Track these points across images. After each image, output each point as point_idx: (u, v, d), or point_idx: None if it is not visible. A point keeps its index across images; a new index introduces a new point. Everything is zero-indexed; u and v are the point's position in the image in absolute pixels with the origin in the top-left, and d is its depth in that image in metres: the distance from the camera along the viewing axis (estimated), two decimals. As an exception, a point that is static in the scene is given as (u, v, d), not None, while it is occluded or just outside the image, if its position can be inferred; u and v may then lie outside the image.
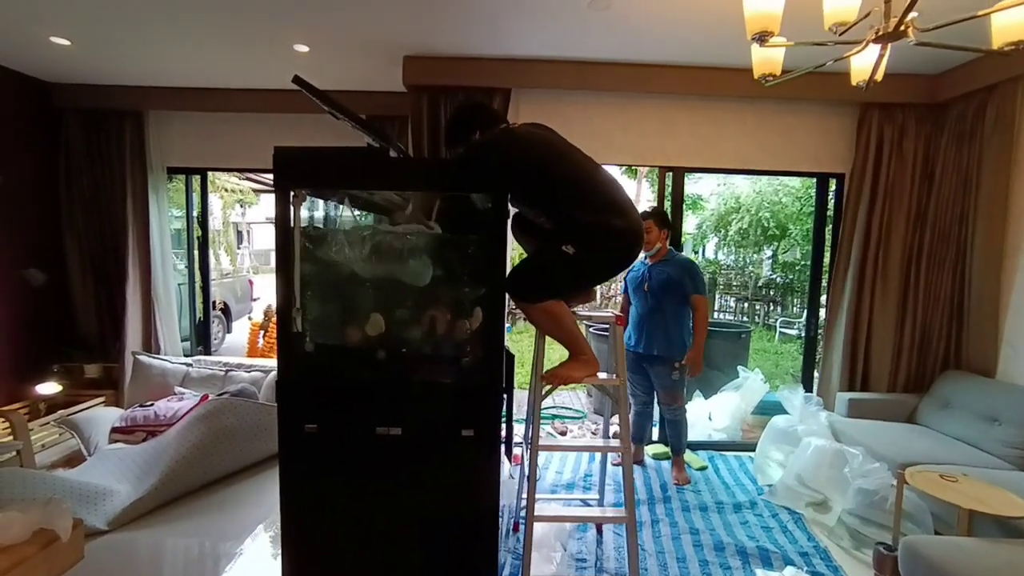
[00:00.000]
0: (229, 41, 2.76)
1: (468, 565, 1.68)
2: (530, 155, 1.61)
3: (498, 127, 1.72)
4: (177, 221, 4.97)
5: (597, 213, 1.59)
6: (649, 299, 2.82)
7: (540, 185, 1.61)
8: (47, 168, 3.49)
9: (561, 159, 1.64)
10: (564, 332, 1.70)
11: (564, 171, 1.62)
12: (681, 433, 2.99)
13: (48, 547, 1.38)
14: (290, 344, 1.58)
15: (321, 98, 1.52)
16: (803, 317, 8.24)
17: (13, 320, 3.32)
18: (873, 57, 1.64)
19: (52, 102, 3.47)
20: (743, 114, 3.14)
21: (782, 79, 1.85)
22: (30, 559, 1.33)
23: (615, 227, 1.60)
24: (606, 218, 1.59)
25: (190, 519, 2.39)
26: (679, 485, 2.88)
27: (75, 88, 3.46)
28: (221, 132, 3.64)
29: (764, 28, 1.52)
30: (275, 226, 1.55)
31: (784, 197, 9.01)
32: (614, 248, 1.64)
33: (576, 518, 2.26)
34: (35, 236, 3.42)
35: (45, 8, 2.43)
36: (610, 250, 1.64)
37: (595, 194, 1.63)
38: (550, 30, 2.58)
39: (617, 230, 1.61)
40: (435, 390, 1.64)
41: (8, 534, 1.31)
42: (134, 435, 3.03)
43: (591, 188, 1.64)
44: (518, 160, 1.60)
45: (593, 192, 1.63)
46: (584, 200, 1.60)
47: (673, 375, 2.82)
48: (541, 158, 1.61)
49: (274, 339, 4.59)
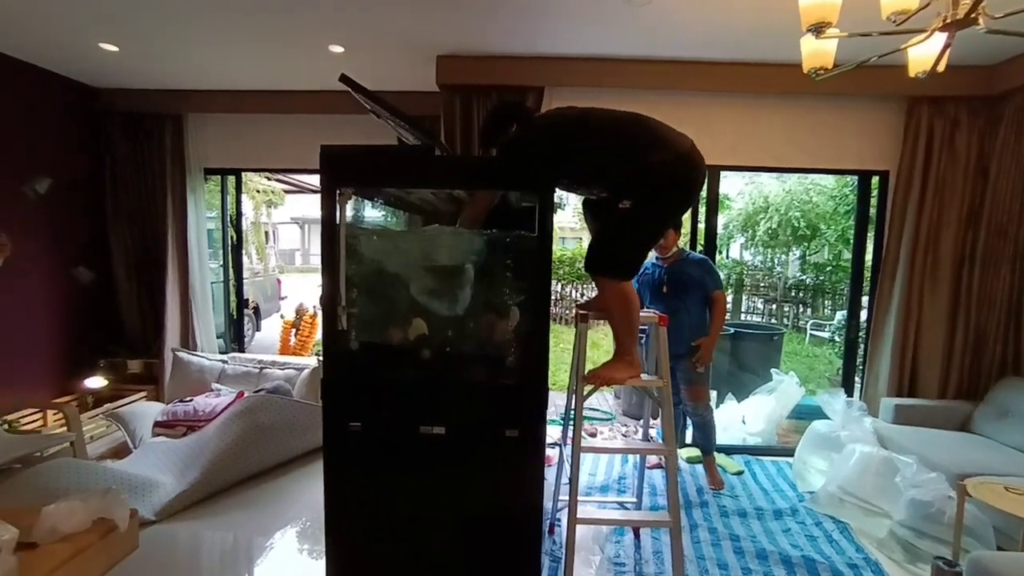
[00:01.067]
0: (266, 44, 2.81)
1: (511, 567, 1.66)
2: (563, 124, 1.63)
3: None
4: (210, 221, 5.10)
5: (636, 156, 1.55)
6: (670, 300, 2.78)
7: (580, 151, 1.60)
8: (94, 170, 3.62)
9: (587, 116, 1.63)
10: (629, 322, 1.68)
11: (596, 125, 1.61)
12: (709, 434, 2.91)
13: (107, 536, 1.42)
14: (335, 342, 1.59)
15: (368, 96, 1.52)
16: (835, 319, 8.03)
17: (63, 317, 3.45)
18: (936, 47, 1.56)
19: (98, 106, 3.59)
20: (782, 111, 3.05)
21: (833, 73, 1.79)
22: (91, 547, 1.37)
23: (655, 163, 1.55)
24: (645, 157, 1.55)
25: (226, 513, 2.45)
26: (715, 490, 2.81)
27: (120, 92, 3.57)
28: (255, 133, 3.71)
29: (821, 19, 1.46)
30: (321, 225, 1.55)
31: (816, 196, 8.75)
32: (666, 184, 1.58)
33: (618, 521, 2.23)
34: (83, 236, 3.55)
35: (96, 15, 2.51)
36: (663, 187, 1.58)
37: (629, 136, 1.59)
38: (586, 28, 2.55)
39: (659, 164, 1.55)
40: (479, 390, 1.63)
41: (71, 522, 1.35)
42: (175, 429, 3.11)
43: (623, 132, 1.61)
44: (556, 130, 1.61)
45: (626, 135, 1.60)
46: (620, 146, 1.58)
47: (698, 368, 2.77)
48: (570, 121, 1.62)
49: (305, 337, 4.70)
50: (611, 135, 1.60)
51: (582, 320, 1.87)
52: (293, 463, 2.89)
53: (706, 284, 2.76)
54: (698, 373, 2.78)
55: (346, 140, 1.56)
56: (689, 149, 1.60)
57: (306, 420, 2.93)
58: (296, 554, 2.23)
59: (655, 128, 1.62)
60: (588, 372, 1.80)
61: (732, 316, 9.47)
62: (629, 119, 1.63)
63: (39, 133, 3.25)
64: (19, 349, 3.17)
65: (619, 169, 1.57)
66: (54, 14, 2.51)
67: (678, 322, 2.72)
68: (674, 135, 1.61)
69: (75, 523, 1.37)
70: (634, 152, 1.56)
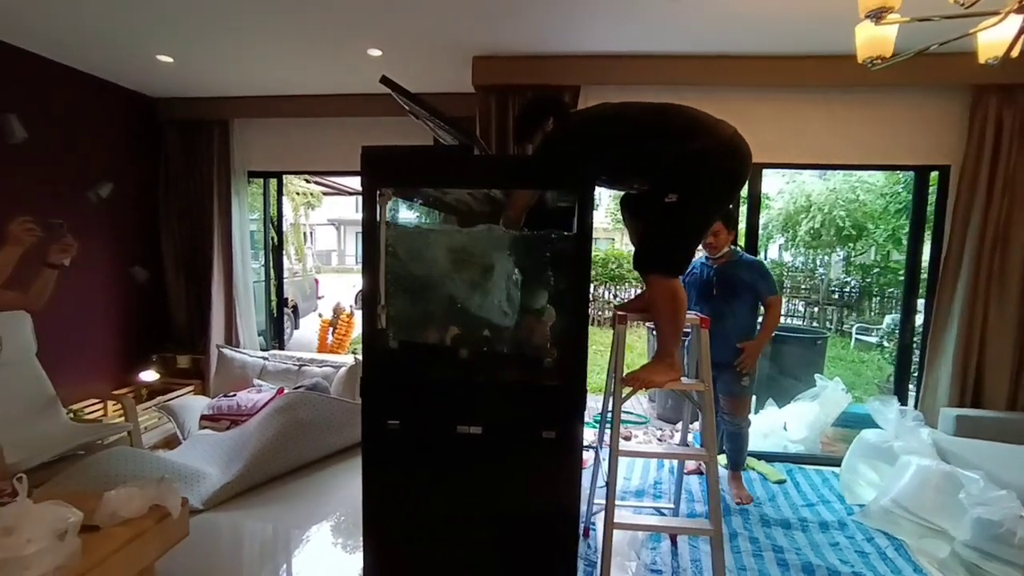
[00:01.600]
0: (308, 50, 2.89)
1: (546, 570, 1.64)
2: (602, 116, 1.62)
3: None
4: (252, 223, 5.30)
5: (676, 144, 1.52)
6: (717, 303, 2.64)
7: (620, 141, 1.58)
8: (149, 176, 3.81)
9: (625, 107, 1.62)
10: (675, 322, 1.64)
11: (634, 115, 1.60)
12: (742, 448, 2.76)
13: (162, 522, 1.48)
14: (375, 341, 1.61)
15: (408, 97, 1.54)
16: (884, 323, 7.63)
17: (121, 313, 3.65)
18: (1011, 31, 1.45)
19: (155, 116, 3.78)
20: (829, 105, 2.91)
21: (891, 62, 1.69)
22: (148, 532, 1.43)
23: (698, 149, 1.50)
24: (687, 144, 1.51)
25: (266, 505, 2.53)
26: (740, 504, 2.67)
27: (173, 101, 3.76)
28: (296, 137, 3.83)
29: (883, 3, 1.38)
30: (362, 225, 1.58)
31: (863, 194, 8.35)
32: (711, 172, 1.53)
33: (658, 527, 2.18)
34: (138, 237, 3.74)
35: (156, 29, 2.66)
36: (707, 175, 1.53)
37: (669, 125, 1.56)
38: (623, 25, 2.50)
39: (702, 151, 1.50)
40: (516, 390, 1.62)
41: (129, 508, 1.42)
42: (219, 423, 3.24)
43: (663, 120, 1.58)
44: (594, 122, 1.60)
45: (666, 123, 1.57)
46: (660, 135, 1.55)
47: (743, 381, 2.63)
48: (609, 113, 1.61)
49: (342, 336, 4.81)
50: (651, 124, 1.57)
51: (620, 321, 1.83)
52: (329, 459, 2.96)
53: (758, 288, 2.61)
54: (742, 386, 2.64)
55: (382, 142, 1.58)
56: (732, 135, 1.55)
57: (343, 417, 2.99)
58: (331, 547, 2.28)
59: (695, 115, 1.58)
60: (627, 374, 1.76)
61: (771, 319, 9.14)
62: (668, 108, 1.60)
63: (103, 141, 3.45)
64: (83, 343, 3.38)
65: (660, 158, 1.54)
66: (119, 30, 2.68)
67: (723, 327, 2.59)
68: (715, 121, 1.57)
69: (133, 509, 1.43)
70: (675, 140, 1.53)
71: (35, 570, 1.14)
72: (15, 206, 2.83)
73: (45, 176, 3.06)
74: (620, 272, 10.47)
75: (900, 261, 8.18)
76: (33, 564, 1.14)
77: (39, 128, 2.95)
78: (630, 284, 10.42)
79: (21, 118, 2.85)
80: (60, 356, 2.92)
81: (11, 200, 2.85)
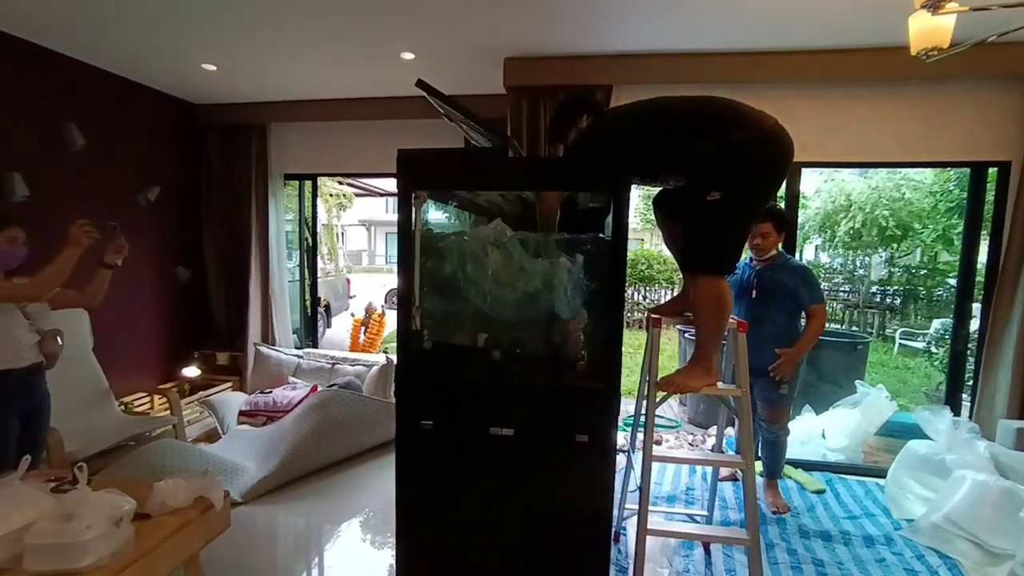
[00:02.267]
0: (343, 55, 2.96)
1: (579, 574, 1.62)
2: (638, 111, 1.60)
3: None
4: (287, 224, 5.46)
5: (716, 137, 1.48)
6: (756, 307, 2.53)
7: (658, 135, 1.56)
8: (192, 180, 3.98)
9: (661, 101, 1.60)
10: (718, 326, 1.61)
11: (672, 108, 1.57)
12: (779, 456, 2.66)
13: (206, 513, 1.54)
14: (409, 342, 1.63)
15: (443, 99, 1.55)
16: (931, 328, 7.25)
17: (166, 311, 3.82)
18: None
19: (198, 121, 3.94)
20: (876, 100, 2.79)
21: (948, 53, 1.60)
22: (193, 522, 1.49)
23: (739, 141, 1.46)
24: (727, 136, 1.47)
25: (300, 500, 2.60)
26: (777, 513, 2.58)
27: (215, 107, 3.91)
28: (330, 140, 3.92)
29: (940, -8, 1.31)
30: (397, 227, 1.59)
31: (909, 192, 7.96)
32: (752, 164, 1.48)
33: (694, 536, 2.13)
34: (182, 238, 3.91)
35: (200, 39, 2.78)
36: (749, 167, 1.49)
37: (708, 116, 1.53)
38: (658, 22, 2.46)
39: (743, 142, 1.46)
40: (549, 393, 1.61)
41: (176, 498, 1.49)
42: (256, 418, 3.34)
43: (701, 112, 1.55)
44: (631, 118, 1.58)
45: (705, 115, 1.54)
46: (699, 127, 1.52)
47: (781, 389, 2.52)
48: (645, 108, 1.60)
49: (374, 335, 4.89)
50: (690, 117, 1.54)
51: (654, 324, 1.80)
52: (361, 457, 3.02)
53: (800, 296, 2.48)
54: (780, 394, 2.52)
55: (413, 144, 1.60)
56: (773, 125, 1.50)
57: (374, 416, 3.05)
58: (360, 543, 2.33)
59: (735, 106, 1.54)
60: (661, 378, 1.73)
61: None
62: (707, 100, 1.56)
63: (151, 147, 3.63)
64: (132, 339, 3.55)
65: (700, 153, 1.50)
66: (168, 41, 2.81)
67: (760, 332, 2.46)
68: (756, 112, 1.52)
69: (180, 499, 1.49)
70: (715, 132, 1.49)
71: (93, 555, 1.20)
72: (75, 208, 3.01)
73: (100, 180, 3.24)
74: (650, 273, 10.29)
75: (950, 263, 7.75)
76: (91, 549, 1.20)
77: (94, 136, 3.13)
78: (660, 285, 10.24)
79: (79, 127, 3.04)
80: (112, 351, 3.07)
81: (71, 203, 3.03)
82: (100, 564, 1.22)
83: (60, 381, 2.58)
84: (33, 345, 1.92)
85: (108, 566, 1.24)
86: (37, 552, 1.19)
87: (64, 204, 2.97)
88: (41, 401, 2.00)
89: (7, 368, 1.83)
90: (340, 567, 2.17)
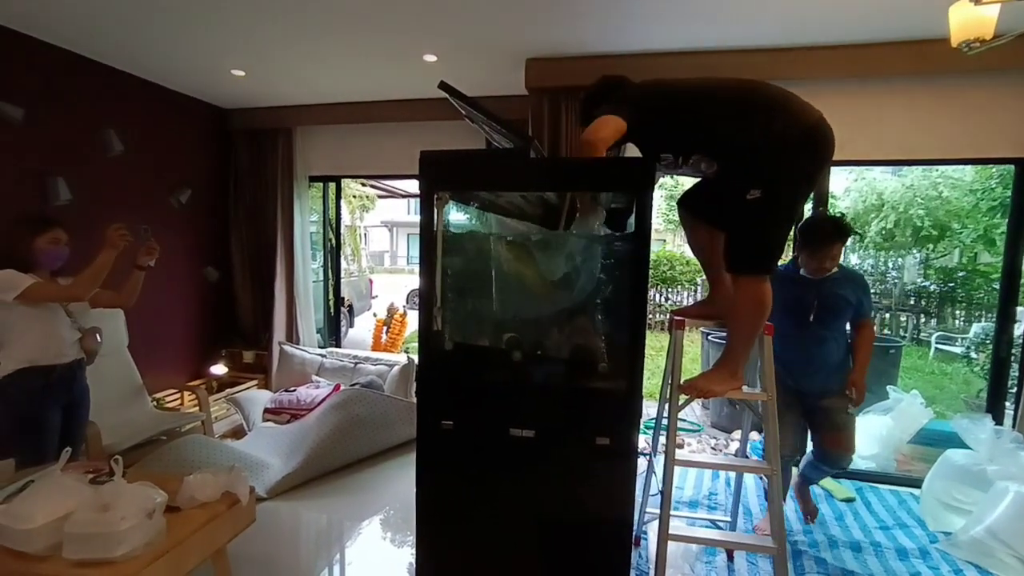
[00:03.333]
0: (366, 59, 3.00)
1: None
2: (680, 85, 1.56)
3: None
4: (311, 225, 5.57)
5: (758, 123, 1.42)
6: (817, 327, 2.19)
7: (700, 109, 1.50)
8: (221, 182, 4.10)
9: (706, 79, 1.56)
10: (753, 330, 1.57)
11: (717, 85, 1.53)
12: (828, 474, 2.45)
13: (233, 507, 1.58)
14: (431, 342, 1.64)
15: (466, 101, 1.56)
16: (971, 332, 6.94)
17: (195, 310, 3.94)
18: None
19: (226, 125, 4.06)
20: (911, 95, 2.69)
21: (991, 45, 1.53)
22: (221, 516, 1.53)
23: (778, 133, 1.41)
24: (769, 126, 1.41)
25: (322, 497, 2.64)
26: (807, 518, 2.48)
27: (243, 112, 4.02)
28: (353, 142, 3.98)
29: (982, -17, 1.26)
30: (420, 228, 1.61)
31: (947, 190, 7.64)
32: (793, 160, 1.43)
33: (716, 542, 2.09)
34: (211, 240, 4.03)
35: (231, 46, 2.86)
36: (791, 163, 1.43)
37: (754, 100, 1.46)
38: (682, 20, 2.43)
39: (782, 136, 1.41)
40: (569, 395, 1.60)
41: (205, 492, 1.53)
42: (281, 416, 3.41)
43: (749, 94, 1.49)
44: (671, 90, 1.55)
45: (751, 98, 1.47)
46: (741, 107, 1.46)
47: (850, 409, 2.22)
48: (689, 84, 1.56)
49: (395, 335, 4.95)
50: (737, 95, 1.48)
51: (678, 327, 1.77)
52: (382, 455, 3.05)
53: (862, 308, 2.20)
54: (848, 414, 2.23)
55: (435, 145, 1.61)
56: (818, 119, 1.45)
57: (396, 415, 3.08)
58: (380, 541, 2.36)
59: (785, 95, 1.47)
60: (684, 382, 1.70)
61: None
62: (757, 83, 1.51)
63: (183, 151, 3.75)
64: (163, 337, 3.67)
65: (740, 136, 1.44)
66: (200, 49, 2.91)
67: (824, 354, 2.20)
68: (803, 103, 1.47)
69: (208, 493, 1.54)
70: (759, 117, 1.43)
71: (128, 545, 1.25)
72: (112, 211, 3.14)
73: (136, 183, 3.37)
74: (672, 275, 10.14)
75: (992, 264, 7.40)
76: (126, 539, 1.24)
77: (131, 141, 3.25)
78: (682, 287, 10.08)
79: (117, 133, 3.17)
80: (144, 348, 3.18)
81: (109, 205, 3.15)
82: (134, 554, 1.26)
83: (98, 377, 2.69)
84: (75, 342, 2.01)
85: (141, 556, 1.28)
86: (76, 541, 1.24)
87: (103, 207, 3.10)
88: (81, 395, 2.09)
89: (52, 364, 1.92)
90: (360, 564, 2.20)
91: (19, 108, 2.67)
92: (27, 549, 1.25)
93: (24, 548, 1.26)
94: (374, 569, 2.16)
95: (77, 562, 1.24)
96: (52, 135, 2.87)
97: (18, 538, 1.25)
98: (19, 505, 1.30)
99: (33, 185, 2.80)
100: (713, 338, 4.33)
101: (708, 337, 4.46)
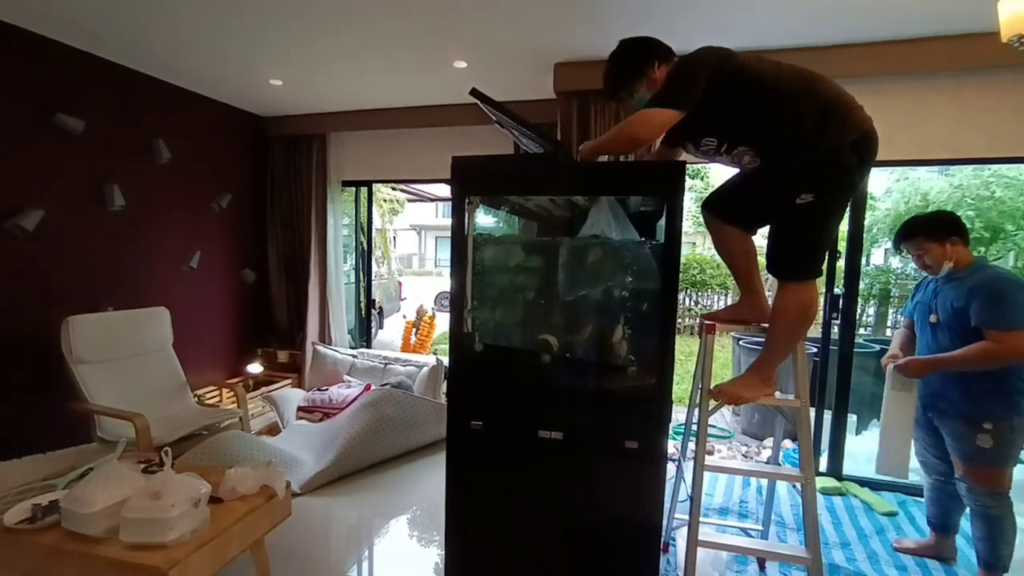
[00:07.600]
0: (398, 65, 3.07)
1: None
2: (746, 57, 1.46)
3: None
4: (343, 228, 5.72)
5: (816, 119, 1.37)
6: (938, 333, 1.99)
7: (761, 85, 1.42)
8: (259, 187, 4.26)
9: (774, 62, 1.46)
10: (794, 336, 1.54)
11: (783, 67, 1.44)
12: (996, 536, 1.92)
13: (270, 501, 1.65)
14: (461, 344, 1.67)
15: (496, 107, 1.58)
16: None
17: (234, 310, 4.11)
18: None
19: (263, 132, 4.23)
20: (960, 91, 2.57)
21: (1044, 38, 1.46)
22: (259, 509, 1.60)
23: (835, 144, 1.36)
24: (822, 130, 1.36)
25: (353, 494, 2.71)
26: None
27: (279, 120, 4.17)
28: (384, 147, 4.08)
29: (1033, -25, 1.20)
30: (451, 232, 1.64)
31: (1000, 190, 7.23)
32: (847, 168, 1.39)
33: (748, 550, 2.04)
34: (248, 243, 4.20)
35: (271, 56, 2.98)
36: (845, 171, 1.39)
37: (817, 94, 1.40)
38: (716, 20, 2.39)
39: (838, 146, 1.37)
40: (599, 398, 1.60)
41: (245, 485, 1.60)
42: (313, 414, 3.51)
43: (812, 84, 1.42)
44: (740, 57, 1.44)
45: (815, 91, 1.41)
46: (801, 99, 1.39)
47: (979, 439, 1.88)
48: (756, 58, 1.46)
49: (424, 336, 5.03)
50: (799, 85, 1.42)
51: (708, 331, 1.75)
52: (411, 455, 3.10)
53: (984, 317, 1.87)
54: (979, 447, 1.89)
55: (464, 150, 1.64)
56: (870, 128, 1.42)
57: (424, 415, 3.12)
58: (407, 539, 2.40)
59: (845, 98, 1.42)
60: (714, 387, 1.68)
61: (877, 332, 8.22)
62: (819, 78, 1.45)
63: (224, 158, 3.92)
64: (205, 336, 3.84)
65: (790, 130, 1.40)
66: (242, 60, 3.04)
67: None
68: (859, 111, 1.42)
69: (248, 486, 1.61)
70: (816, 115, 1.38)
71: (177, 531, 1.32)
72: (160, 217, 3.32)
73: (182, 190, 3.54)
74: (702, 278, 9.94)
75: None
76: (176, 526, 1.32)
77: (177, 149, 3.43)
78: (712, 291, 9.87)
79: (165, 142, 3.35)
80: (187, 347, 3.34)
81: (158, 212, 3.33)
82: (183, 540, 1.34)
83: (146, 373, 2.86)
84: None
85: (189, 543, 1.35)
86: (131, 525, 1.33)
87: (152, 213, 3.28)
88: None
89: None
90: (389, 560, 2.25)
91: (80, 120, 2.85)
92: (88, 532, 1.34)
93: (85, 531, 1.35)
94: (402, 566, 2.20)
95: (132, 545, 1.32)
96: (108, 145, 3.05)
97: (80, 521, 1.35)
98: (81, 490, 1.39)
99: (92, 192, 2.99)
100: (744, 343, 4.23)
101: (739, 342, 4.35)
